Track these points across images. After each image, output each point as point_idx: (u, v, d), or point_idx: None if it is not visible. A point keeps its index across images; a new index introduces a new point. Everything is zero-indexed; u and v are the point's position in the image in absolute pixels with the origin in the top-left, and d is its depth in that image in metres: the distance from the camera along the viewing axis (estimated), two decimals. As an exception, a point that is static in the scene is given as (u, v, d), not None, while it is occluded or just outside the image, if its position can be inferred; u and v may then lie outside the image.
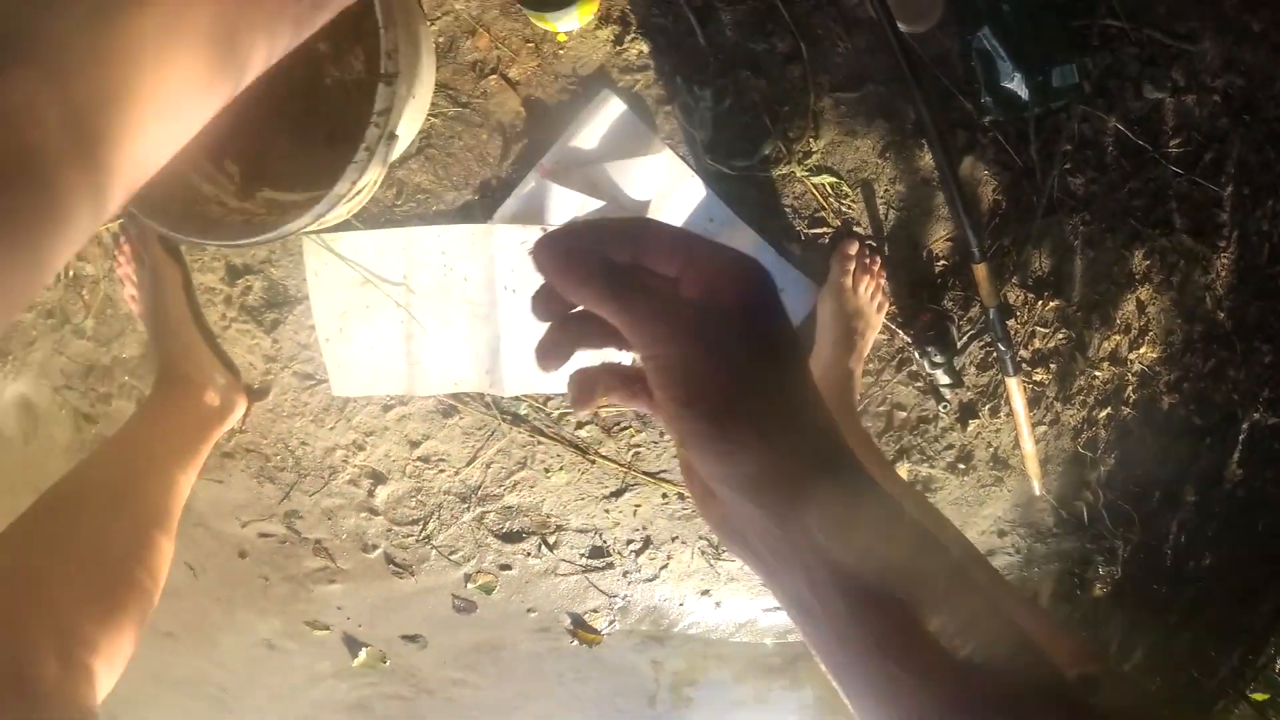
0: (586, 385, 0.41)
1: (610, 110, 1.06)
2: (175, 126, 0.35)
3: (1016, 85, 1.11)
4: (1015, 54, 1.10)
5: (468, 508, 1.35)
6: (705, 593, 1.44)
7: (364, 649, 1.57)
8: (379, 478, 1.33)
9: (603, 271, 0.35)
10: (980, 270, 1.18)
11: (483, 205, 1.14)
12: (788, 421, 0.33)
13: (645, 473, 1.31)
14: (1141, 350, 1.37)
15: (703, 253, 0.35)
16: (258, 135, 1.10)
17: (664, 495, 1.33)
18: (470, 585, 1.44)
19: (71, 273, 1.30)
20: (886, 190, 1.16)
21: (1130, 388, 1.40)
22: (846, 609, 0.32)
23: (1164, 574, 1.56)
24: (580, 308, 0.39)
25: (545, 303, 0.38)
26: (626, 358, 0.41)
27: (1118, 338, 1.35)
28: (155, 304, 1.22)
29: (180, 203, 1.02)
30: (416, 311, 1.15)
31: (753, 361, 0.34)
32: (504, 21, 1.09)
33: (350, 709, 1.69)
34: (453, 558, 1.40)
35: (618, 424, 1.27)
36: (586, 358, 0.42)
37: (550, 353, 0.39)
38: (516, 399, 1.24)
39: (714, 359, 0.33)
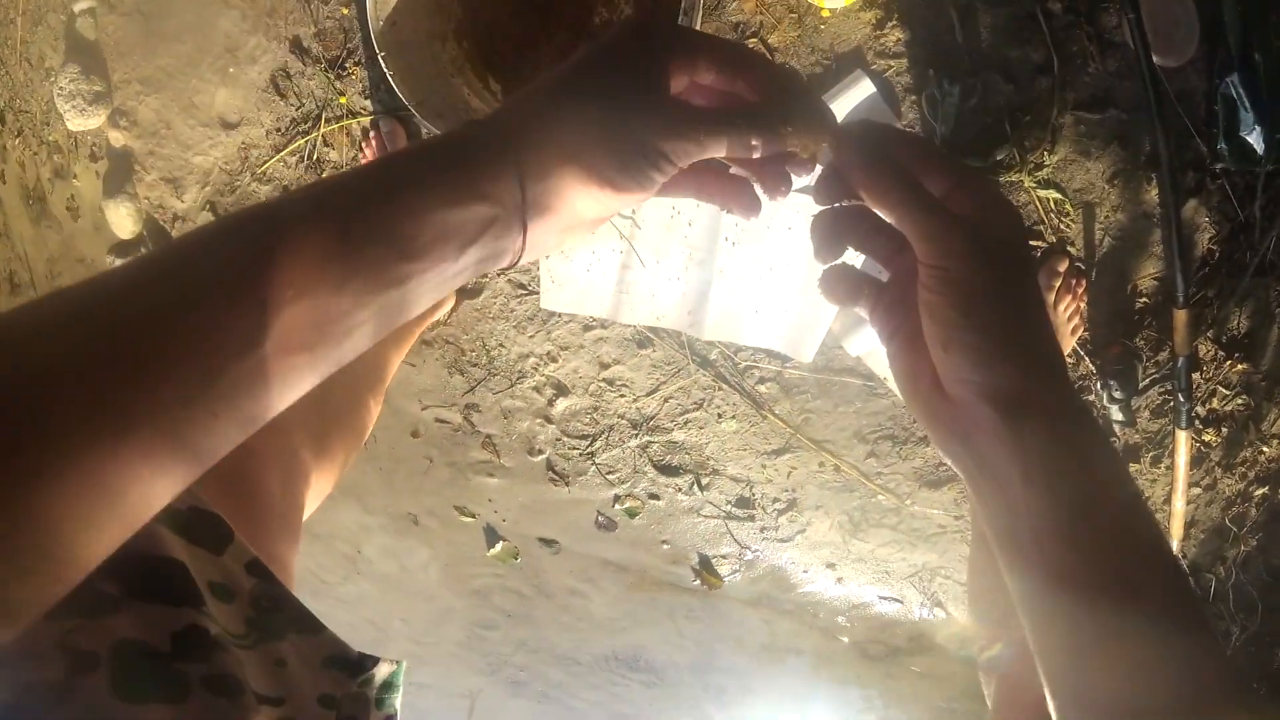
0: (845, 284, 0.44)
1: (859, 90, 1.13)
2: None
3: (1255, 138, 1.10)
4: (1259, 107, 1.08)
5: (636, 435, 1.46)
6: (831, 566, 1.50)
7: (501, 542, 1.70)
8: (562, 390, 1.46)
9: (908, 180, 0.38)
10: (1180, 316, 1.19)
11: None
12: (1042, 348, 0.38)
13: (811, 439, 1.38)
14: (1317, 438, 1.35)
15: (974, 179, 0.40)
16: (523, 61, 1.23)
17: (821, 464, 1.40)
18: (617, 506, 1.55)
19: (316, 156, 1.44)
20: (1107, 217, 1.19)
21: (1295, 473, 1.37)
22: (1051, 507, 0.37)
23: (1270, 675, 1.51)
24: (852, 204, 0.41)
25: (829, 188, 0.41)
26: (875, 269, 0.46)
27: (1296, 418, 1.33)
28: None
29: (454, 111, 1.16)
30: (638, 245, 1.26)
31: (1022, 291, 0.39)
32: (774, -10, 1.16)
33: (470, 593, 1.84)
34: (609, 477, 1.52)
35: (797, 387, 1.35)
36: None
37: (828, 238, 0.42)
38: (710, 344, 1.33)
39: (997, 281, 0.38)
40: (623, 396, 1.43)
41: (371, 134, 1.36)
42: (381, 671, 0.66)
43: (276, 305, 0.33)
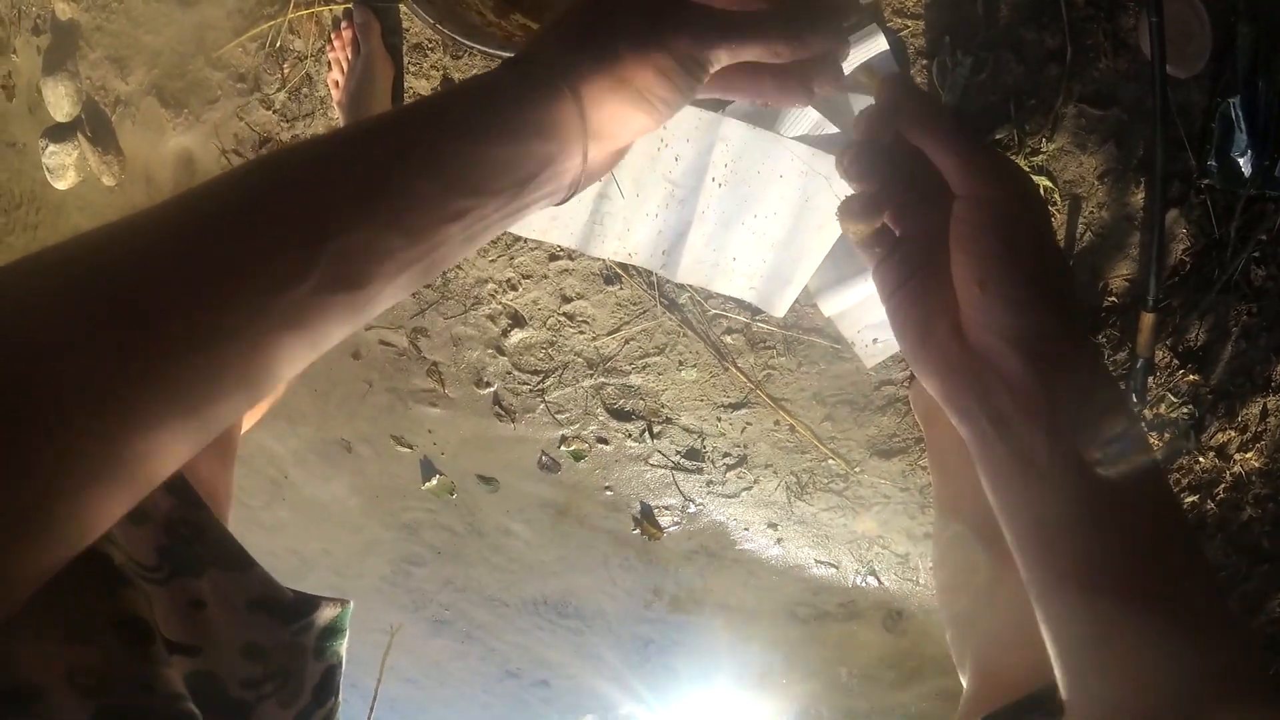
0: (868, 209, 0.42)
1: (872, 45, 1.10)
2: None
3: (1244, 161, 1.12)
4: (1254, 132, 1.10)
5: (592, 375, 1.42)
6: (773, 526, 1.50)
7: (438, 476, 1.65)
8: (519, 321, 1.40)
9: (954, 117, 0.39)
10: (1147, 319, 1.20)
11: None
12: (1076, 301, 0.37)
13: (770, 396, 1.36)
14: (1248, 455, 1.39)
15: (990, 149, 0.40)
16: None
17: (776, 422, 1.38)
18: (563, 448, 1.51)
19: (279, 43, 1.34)
20: (1091, 213, 1.19)
21: (1223, 486, 1.42)
22: (1082, 480, 0.35)
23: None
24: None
25: (875, 123, 0.41)
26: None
27: (1232, 434, 1.37)
28: (360, 95, 1.23)
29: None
30: (618, 174, 1.21)
31: (1056, 240, 0.38)
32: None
33: (400, 527, 1.78)
34: (558, 417, 1.47)
35: (763, 342, 1.32)
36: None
37: (860, 158, 0.41)
38: (681, 287, 1.29)
39: (1039, 219, 0.37)
40: (582, 333, 1.38)
41: (343, 24, 1.27)
42: (323, 615, 0.59)
43: (321, 239, 0.33)
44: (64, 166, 1.57)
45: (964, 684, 0.86)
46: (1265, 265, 1.25)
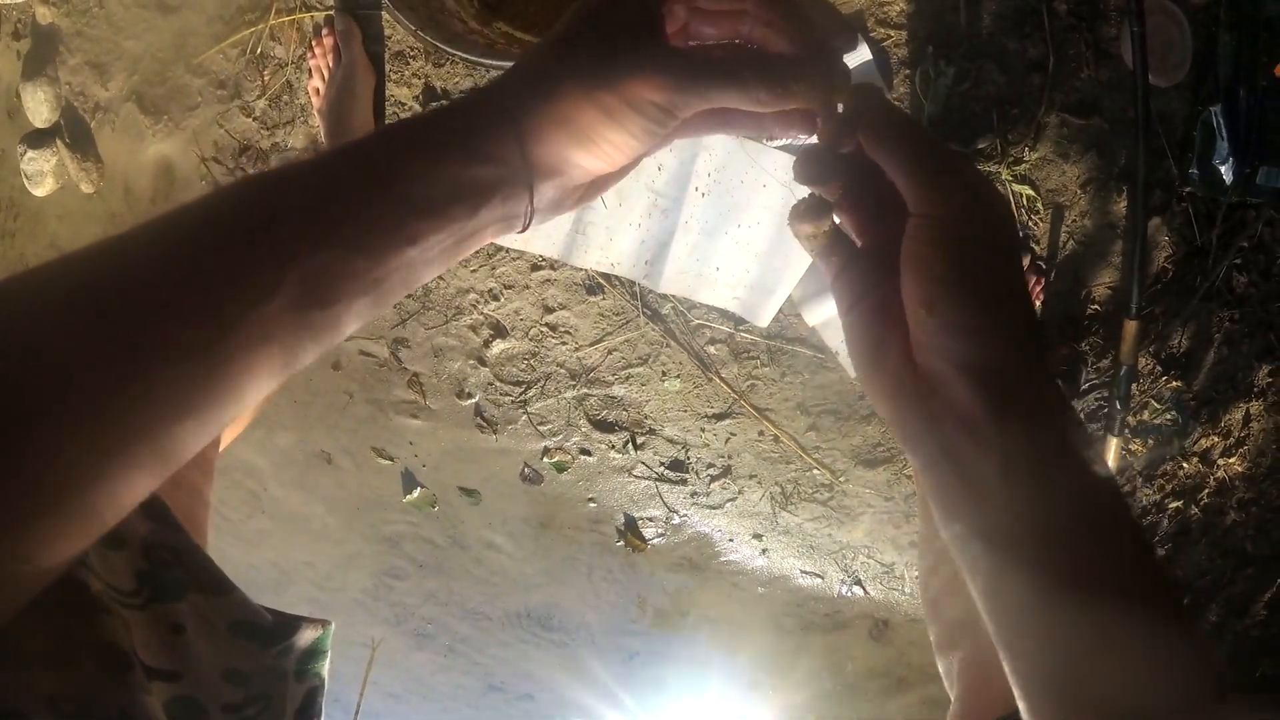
0: (816, 210, 0.41)
1: (855, 56, 1.10)
2: None
3: (1225, 169, 1.13)
4: (1235, 139, 1.11)
5: (574, 386, 1.40)
6: (757, 536, 1.49)
7: (419, 488, 1.63)
8: (501, 331, 1.39)
9: (920, 129, 0.37)
10: (1130, 327, 1.21)
11: (698, 108, 1.18)
12: (1032, 324, 0.36)
13: (754, 406, 1.35)
14: (1231, 460, 1.40)
15: (964, 162, 0.38)
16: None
17: (761, 433, 1.38)
18: (546, 459, 1.49)
19: (259, 50, 1.33)
20: (1074, 221, 1.20)
21: (1207, 490, 1.42)
22: (1035, 506, 0.34)
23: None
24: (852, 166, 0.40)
25: (837, 131, 0.39)
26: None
27: (1215, 439, 1.38)
28: (341, 103, 1.23)
29: (426, 7, 1.07)
30: (601, 185, 1.21)
31: (1017, 261, 0.36)
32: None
33: (381, 540, 1.76)
34: (541, 428, 1.46)
35: (747, 352, 1.32)
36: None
37: (814, 159, 0.40)
38: (664, 297, 1.28)
39: (995, 242, 0.35)
40: (564, 344, 1.37)
41: (325, 31, 1.26)
42: (304, 637, 0.58)
43: (292, 258, 0.34)
44: (42, 173, 1.55)
45: (951, 695, 0.85)
46: (1247, 272, 1.26)
